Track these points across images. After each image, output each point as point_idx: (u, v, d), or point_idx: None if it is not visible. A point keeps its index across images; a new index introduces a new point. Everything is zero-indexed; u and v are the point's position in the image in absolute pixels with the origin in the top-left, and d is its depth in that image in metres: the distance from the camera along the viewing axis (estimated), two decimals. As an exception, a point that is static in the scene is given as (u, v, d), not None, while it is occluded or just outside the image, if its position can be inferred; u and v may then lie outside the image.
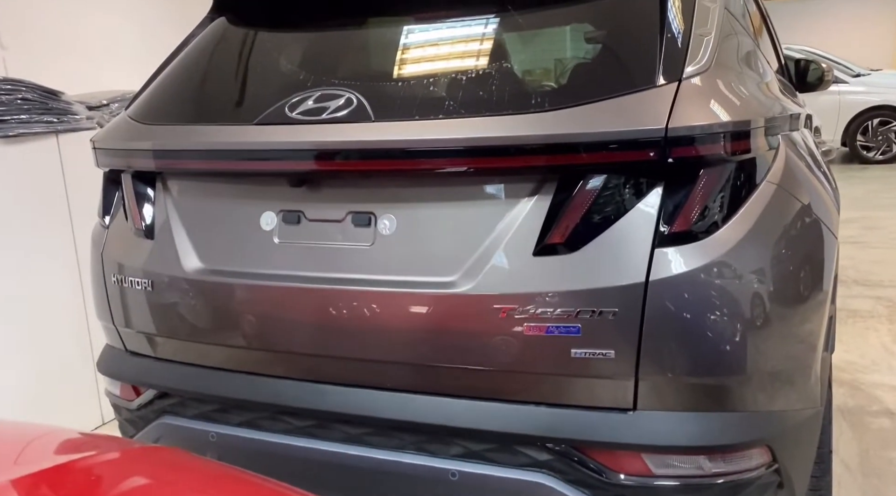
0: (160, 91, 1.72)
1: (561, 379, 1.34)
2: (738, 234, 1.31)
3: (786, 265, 1.38)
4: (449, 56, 1.53)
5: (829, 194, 1.73)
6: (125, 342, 1.78)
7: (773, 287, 1.34)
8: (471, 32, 1.55)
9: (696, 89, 1.32)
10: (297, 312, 1.50)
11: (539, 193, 1.34)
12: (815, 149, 2.00)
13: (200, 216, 1.62)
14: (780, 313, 1.35)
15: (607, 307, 1.29)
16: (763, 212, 1.35)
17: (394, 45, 1.60)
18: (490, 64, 1.42)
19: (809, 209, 1.50)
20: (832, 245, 1.59)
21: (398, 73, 1.54)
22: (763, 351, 1.33)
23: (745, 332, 1.30)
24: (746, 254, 1.32)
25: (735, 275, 1.30)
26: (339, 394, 1.50)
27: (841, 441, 2.51)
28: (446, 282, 1.38)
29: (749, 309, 1.31)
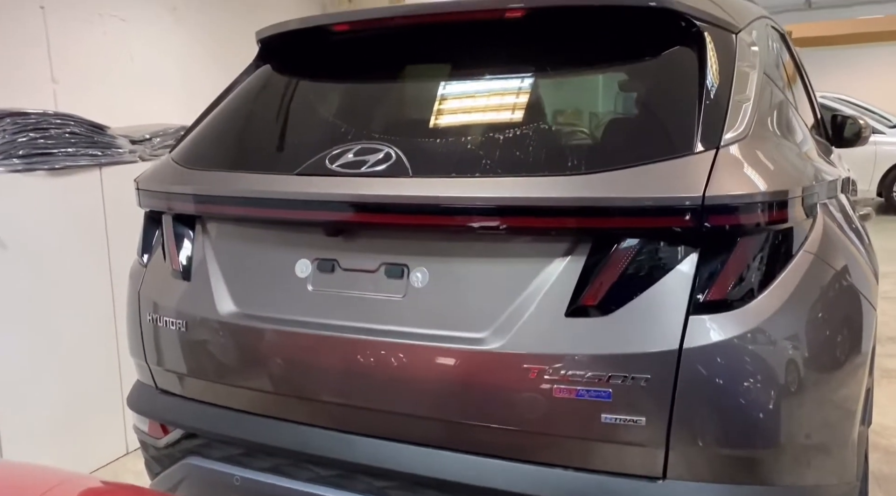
0: (204, 136, 1.77)
1: (590, 443, 1.33)
2: (775, 303, 1.30)
3: (822, 336, 1.36)
4: (487, 115, 1.55)
5: (867, 263, 1.70)
6: (156, 380, 1.80)
7: (808, 359, 1.32)
8: (509, 92, 1.58)
9: (735, 157, 1.32)
10: (326, 360, 1.51)
11: (573, 254, 1.34)
12: (853, 214, 1.98)
13: (237, 260, 1.65)
14: (816, 386, 1.33)
15: (639, 373, 1.28)
16: (800, 282, 1.34)
17: (433, 102, 1.63)
18: (527, 124, 1.44)
19: (847, 279, 1.48)
20: (870, 315, 1.56)
21: (436, 129, 1.57)
22: (798, 424, 1.30)
23: (779, 404, 1.28)
24: (782, 324, 1.30)
25: (770, 345, 1.29)
26: (365, 446, 1.50)
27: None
28: (476, 339, 1.38)
29: (784, 380, 1.29)
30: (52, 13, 3.41)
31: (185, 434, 1.73)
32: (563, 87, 1.52)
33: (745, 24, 1.66)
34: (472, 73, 1.66)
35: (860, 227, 1.99)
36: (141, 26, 3.90)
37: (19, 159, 2.51)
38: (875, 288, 1.69)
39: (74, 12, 3.53)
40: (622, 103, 1.55)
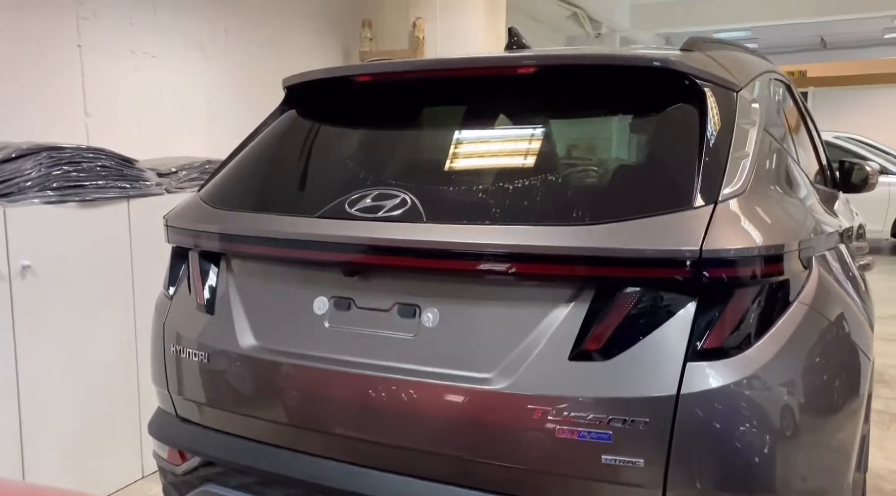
0: (230, 177, 1.87)
1: (591, 483, 1.38)
2: (769, 352, 1.36)
3: (816, 385, 1.42)
4: (498, 165, 1.65)
5: (862, 313, 1.76)
6: (177, 408, 1.88)
7: (803, 406, 1.38)
8: (520, 144, 1.67)
9: (732, 212, 1.40)
10: (340, 395, 1.59)
11: (577, 300, 1.41)
12: (851, 264, 2.03)
13: (258, 296, 1.73)
14: (811, 432, 1.38)
15: (638, 417, 1.34)
16: (794, 332, 1.40)
17: (447, 151, 1.73)
18: (535, 174, 1.52)
19: (841, 330, 1.54)
20: (864, 364, 1.62)
21: (450, 177, 1.66)
22: (792, 469, 1.35)
23: (773, 450, 1.34)
24: (776, 372, 1.36)
25: (765, 392, 1.35)
26: (374, 479, 1.56)
27: (879, 556, 2.44)
28: (483, 379, 1.45)
29: (778, 426, 1.34)
30: (88, 51, 3.57)
31: (203, 462, 1.80)
32: (571, 140, 1.61)
33: (746, 81, 1.75)
34: (485, 124, 1.75)
35: (858, 275, 2.05)
36: (171, 63, 4.07)
37: (53, 191, 2.63)
38: (870, 337, 1.74)
39: (109, 49, 3.69)
40: (626, 157, 1.63)
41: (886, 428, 3.57)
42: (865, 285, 2.14)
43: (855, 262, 2.45)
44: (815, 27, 14.64)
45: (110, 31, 3.70)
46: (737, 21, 13.24)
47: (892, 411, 3.78)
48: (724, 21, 13.26)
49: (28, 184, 2.57)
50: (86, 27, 3.56)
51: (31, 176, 2.58)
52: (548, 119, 1.68)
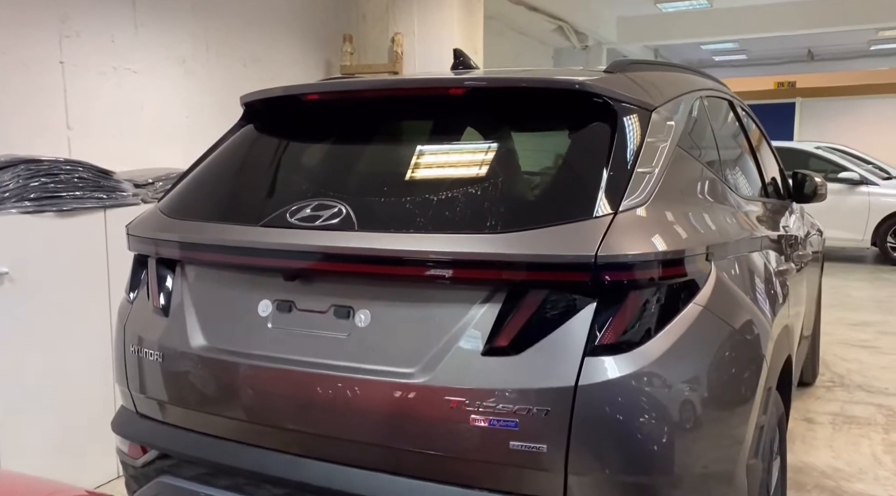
0: (187, 189, 2.02)
1: (501, 468, 1.52)
2: (662, 349, 1.50)
3: (706, 379, 1.56)
4: (423, 178, 1.79)
5: (765, 317, 1.90)
6: (136, 405, 2.02)
7: (692, 397, 1.52)
8: (443, 159, 1.82)
9: (629, 221, 1.54)
10: (281, 391, 1.72)
11: (490, 301, 1.56)
12: (770, 270, 2.18)
13: (209, 300, 1.87)
14: (699, 422, 1.52)
15: (541, 406, 1.48)
16: (687, 330, 1.54)
17: (381, 166, 1.88)
18: (458, 188, 1.67)
19: (736, 331, 1.69)
20: (759, 363, 1.76)
21: (381, 189, 1.80)
22: (681, 455, 1.49)
23: (664, 436, 1.47)
24: (668, 367, 1.50)
25: (657, 385, 1.49)
26: (313, 468, 1.69)
27: (811, 548, 2.57)
28: (407, 373, 1.59)
29: (668, 416, 1.48)
30: (70, 67, 3.73)
31: (160, 454, 1.94)
32: (490, 155, 1.76)
33: (663, 101, 1.89)
34: (416, 140, 1.91)
35: (776, 281, 2.19)
36: (152, 78, 4.22)
37: (30, 202, 2.77)
38: (770, 337, 1.88)
39: (91, 66, 3.85)
40: (541, 172, 1.78)
41: (838, 429, 3.71)
42: (786, 289, 2.28)
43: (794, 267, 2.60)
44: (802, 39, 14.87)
45: (92, 48, 3.86)
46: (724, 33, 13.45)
47: (847, 414, 3.92)
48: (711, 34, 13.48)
49: (6, 195, 2.72)
50: (68, 44, 3.72)
51: (8, 187, 2.73)
52: (473, 136, 1.83)
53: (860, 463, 3.29)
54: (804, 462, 3.29)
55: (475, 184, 1.67)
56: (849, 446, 3.48)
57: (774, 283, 2.16)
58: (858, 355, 5.07)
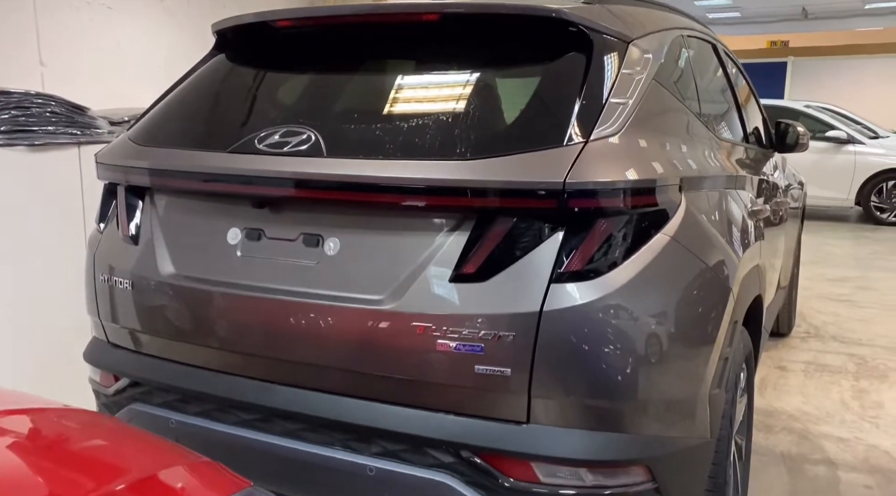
0: (156, 117, 1.99)
1: (466, 391, 1.54)
2: (627, 276, 1.51)
3: (669, 307, 1.57)
4: (395, 105, 1.77)
5: (734, 252, 1.91)
6: (108, 335, 2.02)
7: (655, 325, 1.53)
8: (416, 86, 1.79)
9: (600, 150, 1.53)
10: (250, 318, 1.72)
11: (459, 229, 1.55)
12: (743, 210, 2.18)
13: (178, 228, 1.86)
14: (660, 350, 1.54)
15: (506, 331, 1.49)
16: (654, 260, 1.55)
17: (351, 94, 1.85)
18: (427, 115, 1.65)
19: (703, 262, 1.69)
20: (725, 296, 1.77)
21: (352, 116, 1.78)
22: (641, 380, 1.51)
23: (624, 363, 1.49)
24: (632, 295, 1.51)
25: (619, 312, 1.50)
26: (282, 393, 1.71)
27: (776, 484, 2.64)
28: (375, 300, 1.59)
29: (630, 344, 1.50)
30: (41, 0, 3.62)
31: (131, 382, 1.95)
32: (462, 82, 1.73)
33: (642, 34, 1.86)
34: (387, 67, 1.87)
35: (750, 222, 2.20)
36: (128, 15, 4.11)
37: (1, 135, 2.71)
38: (737, 272, 1.89)
39: (63, 0, 3.73)
40: (513, 99, 1.75)
41: (810, 376, 3.78)
42: (759, 232, 2.29)
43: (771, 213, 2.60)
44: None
45: (65, -20, 3.74)
46: (718, -12, 13.26)
47: (819, 362, 3.99)
48: (704, -12, 13.28)
49: (-25, 126, 2.66)
50: (39, -24, 3.60)
51: (-23, 119, 2.67)
52: (447, 63, 1.80)
53: (828, 407, 3.37)
54: (774, 407, 3.37)
55: (446, 111, 1.65)
56: (819, 392, 3.55)
57: (747, 223, 2.17)
58: (835, 309, 5.15)
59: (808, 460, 2.84)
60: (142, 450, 1.08)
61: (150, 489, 0.90)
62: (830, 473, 2.73)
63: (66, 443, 1.08)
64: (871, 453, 2.90)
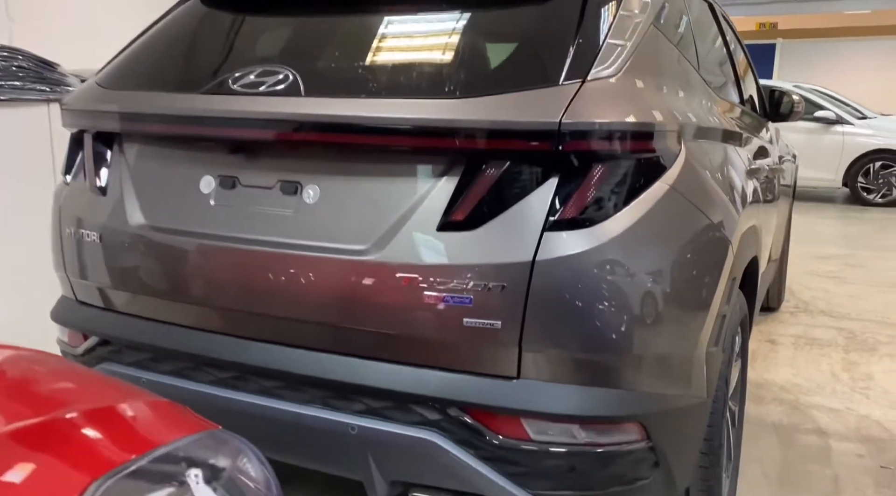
0: (126, 61, 1.87)
1: (454, 345, 1.45)
2: (624, 225, 1.42)
3: (667, 260, 1.49)
4: (378, 43, 1.66)
5: (734, 206, 1.83)
6: (76, 292, 1.91)
7: (651, 278, 1.45)
8: (399, 23, 1.68)
9: (598, 90, 1.44)
10: (225, 270, 1.63)
11: (448, 175, 1.46)
12: (741, 167, 2.10)
13: (149, 177, 1.75)
14: (657, 302, 1.46)
15: (497, 282, 1.40)
16: (652, 209, 1.46)
17: (331, 30, 1.74)
18: (412, 52, 1.55)
19: (703, 214, 1.61)
20: (725, 251, 1.70)
21: (332, 55, 1.67)
22: (636, 334, 1.43)
23: (620, 316, 1.41)
24: (629, 245, 1.43)
25: (616, 262, 1.41)
26: (258, 349, 1.62)
27: (767, 453, 2.60)
28: (358, 250, 1.50)
29: (626, 295, 1.42)
30: (9, -48, 3.45)
31: (100, 341, 1.85)
32: (453, 17, 1.63)
33: None
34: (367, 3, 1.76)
35: (748, 180, 2.12)
36: (103, -28, 3.95)
37: (-36, 89, 2.58)
38: (737, 228, 1.81)
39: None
40: (504, 37, 1.65)
41: (800, 349, 3.74)
42: (755, 193, 2.21)
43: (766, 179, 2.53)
44: (787, -23, 14.60)
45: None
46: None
47: (809, 336, 3.95)
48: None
49: (-64, 78, 2.52)
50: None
51: (-62, 70, 2.53)
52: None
53: (819, 379, 3.33)
54: (764, 379, 3.32)
55: (433, 47, 1.55)
56: (809, 365, 3.51)
57: (745, 182, 2.09)
58: (824, 285, 5.12)
59: (800, 430, 2.79)
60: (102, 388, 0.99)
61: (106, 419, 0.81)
62: (822, 442, 2.69)
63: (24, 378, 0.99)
64: (862, 423, 2.86)
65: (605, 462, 1.46)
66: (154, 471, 0.75)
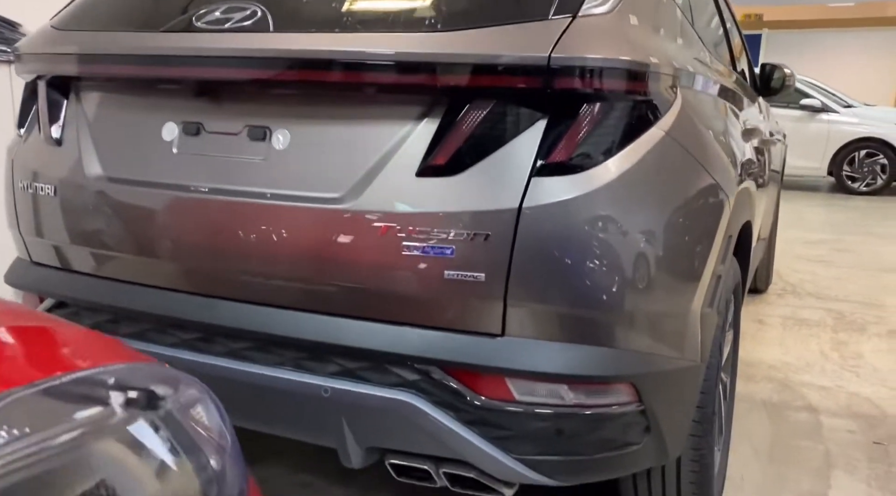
0: (83, 1, 1.74)
1: (434, 300, 1.35)
2: (617, 171, 1.32)
3: (662, 211, 1.40)
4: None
5: (731, 161, 1.75)
6: (30, 252, 1.79)
7: (645, 229, 1.36)
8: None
9: (590, 26, 1.34)
10: (188, 223, 1.51)
11: (428, 116, 1.35)
12: (736, 125, 2.02)
13: (107, 125, 1.63)
14: (650, 255, 1.36)
15: (480, 230, 1.30)
16: (646, 155, 1.36)
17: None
18: None
19: (700, 164, 1.52)
20: (721, 204, 1.61)
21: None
22: (628, 289, 1.34)
23: (611, 269, 1.31)
24: (623, 193, 1.33)
25: (609, 210, 1.32)
26: (224, 309, 1.51)
27: (757, 429, 2.52)
28: (332, 199, 1.39)
29: (618, 246, 1.32)
30: None
31: (56, 303, 1.73)
32: None
33: None
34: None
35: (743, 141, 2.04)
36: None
37: (-82, 44, 2.43)
38: (733, 183, 1.73)
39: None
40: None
41: (789, 329, 3.68)
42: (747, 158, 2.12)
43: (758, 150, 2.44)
44: (773, -32, 14.59)
45: None
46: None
47: (797, 316, 3.90)
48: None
49: None
50: None
51: None
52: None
53: (808, 358, 3.26)
54: (753, 357, 3.25)
55: None
56: (798, 344, 3.45)
57: (740, 142, 2.00)
58: (812, 268, 5.07)
59: (790, 407, 2.72)
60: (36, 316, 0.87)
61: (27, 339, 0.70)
62: (813, 419, 2.62)
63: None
64: (852, 400, 2.80)
65: (595, 425, 1.36)
66: (75, 392, 0.64)
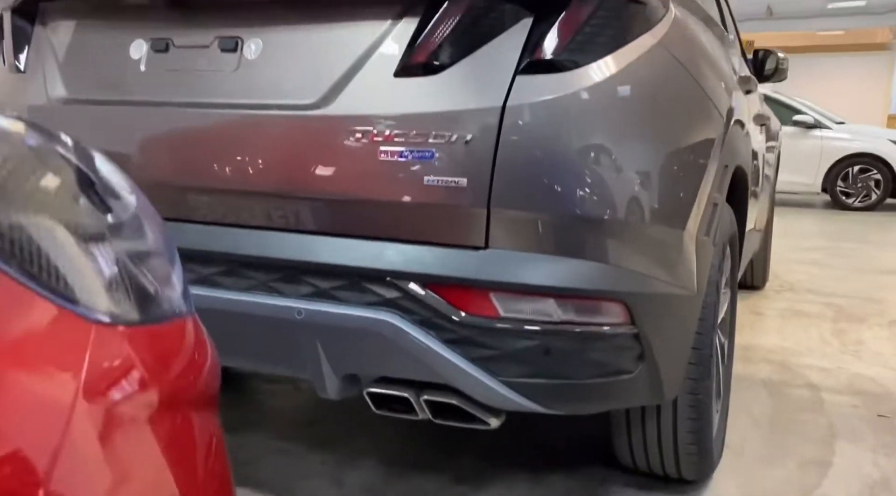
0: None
1: (414, 210, 1.27)
2: (607, 73, 1.26)
3: (654, 118, 1.33)
4: None
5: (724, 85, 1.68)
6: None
7: (636, 137, 1.28)
8: None
9: None
10: (155, 140, 1.44)
11: (408, 13, 1.29)
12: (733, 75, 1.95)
13: (73, 48, 1.56)
14: (641, 165, 1.28)
15: (462, 132, 1.22)
16: (638, 60, 1.30)
17: None
18: None
19: (694, 78, 1.45)
20: (716, 126, 1.53)
21: None
22: (621, 196, 1.25)
23: (601, 173, 1.24)
24: (612, 96, 1.26)
25: (597, 113, 1.25)
26: (192, 231, 1.42)
27: (756, 404, 2.42)
28: (305, 104, 1.32)
29: (608, 151, 1.24)
30: None
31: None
32: None
33: None
34: None
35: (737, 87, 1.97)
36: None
37: None
38: (725, 100, 1.66)
39: None
40: None
41: (788, 320, 3.59)
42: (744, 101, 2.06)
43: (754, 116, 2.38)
44: (763, -5, 14.82)
45: None
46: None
47: (796, 309, 3.81)
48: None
49: None
50: None
51: None
52: None
53: (808, 343, 3.17)
54: (752, 343, 3.15)
55: None
56: (798, 331, 3.36)
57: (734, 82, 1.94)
58: (809, 269, 5.00)
59: (791, 385, 2.62)
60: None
61: None
62: (814, 395, 2.52)
63: None
64: (855, 379, 2.70)
65: (585, 344, 1.27)
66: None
